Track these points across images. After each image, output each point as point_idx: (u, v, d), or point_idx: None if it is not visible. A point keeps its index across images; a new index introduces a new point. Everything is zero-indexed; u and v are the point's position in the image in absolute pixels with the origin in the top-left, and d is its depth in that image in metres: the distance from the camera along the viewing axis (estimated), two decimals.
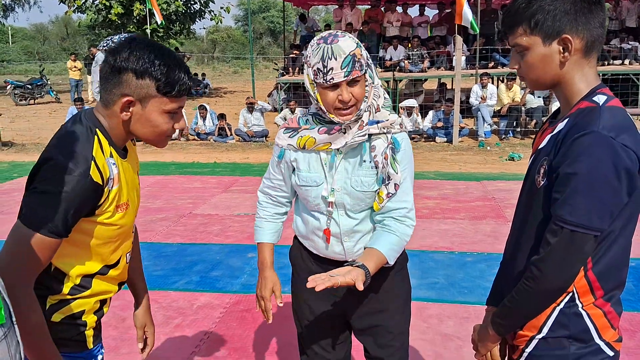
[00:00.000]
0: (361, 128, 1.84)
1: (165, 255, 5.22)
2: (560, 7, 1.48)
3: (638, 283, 4.36)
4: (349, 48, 1.76)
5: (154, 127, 1.62)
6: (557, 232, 1.44)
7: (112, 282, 1.79)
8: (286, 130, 2.00)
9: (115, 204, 1.61)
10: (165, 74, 1.55)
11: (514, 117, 11.93)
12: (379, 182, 1.90)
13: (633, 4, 15.00)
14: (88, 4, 20.22)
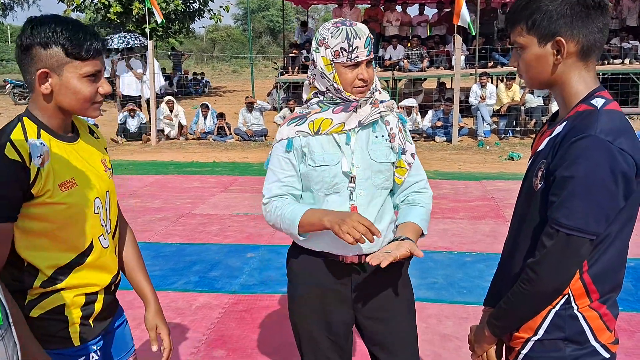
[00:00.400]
0: (376, 106, 1.97)
1: (164, 255, 5.22)
2: (558, 9, 1.48)
3: (637, 283, 4.36)
4: (367, 31, 1.91)
5: (76, 93, 1.62)
6: (553, 235, 1.45)
7: (93, 273, 1.74)
8: (290, 122, 2.02)
9: (54, 182, 1.60)
10: (69, 38, 1.58)
11: (514, 117, 11.92)
12: (397, 154, 2.00)
13: (634, 2, 14.99)
14: (87, 3, 20.17)
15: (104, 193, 1.77)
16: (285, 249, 5.07)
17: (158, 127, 12.31)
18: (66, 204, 1.62)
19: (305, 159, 1.98)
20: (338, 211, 1.89)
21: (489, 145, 11.19)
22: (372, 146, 1.98)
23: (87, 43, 1.60)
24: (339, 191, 1.96)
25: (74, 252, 1.68)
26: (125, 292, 4.22)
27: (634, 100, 13.28)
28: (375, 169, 1.97)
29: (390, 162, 2.00)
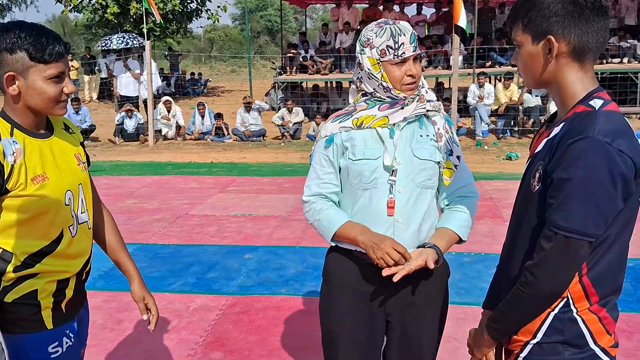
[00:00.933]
0: (422, 101, 1.97)
1: (161, 256, 5.19)
2: (551, 7, 1.48)
3: (636, 284, 4.35)
4: (410, 28, 1.93)
5: (41, 94, 1.74)
6: (552, 237, 1.44)
7: (64, 260, 1.85)
8: (335, 119, 2.04)
9: (26, 176, 1.72)
10: (32, 44, 1.69)
11: (512, 117, 11.92)
12: (446, 155, 1.99)
13: (632, 1, 15.00)
14: (84, 4, 20.15)
15: (76, 186, 1.90)
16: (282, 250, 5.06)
17: (155, 128, 12.29)
18: (38, 196, 1.74)
19: (347, 153, 1.99)
20: (374, 233, 1.91)
21: (487, 145, 11.18)
22: (417, 144, 1.97)
23: (50, 47, 1.72)
24: (377, 186, 1.95)
25: (45, 240, 1.80)
26: (123, 294, 4.24)
27: (633, 100, 13.28)
28: (418, 167, 1.96)
29: (434, 160, 1.98)
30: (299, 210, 6.60)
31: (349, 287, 2.03)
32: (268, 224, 6.11)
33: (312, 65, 14.64)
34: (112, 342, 3.59)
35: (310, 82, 15.71)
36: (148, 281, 4.50)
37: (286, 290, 4.38)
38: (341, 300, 2.05)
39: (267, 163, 9.83)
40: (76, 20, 23.07)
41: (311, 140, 12.02)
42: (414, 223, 1.97)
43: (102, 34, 21.40)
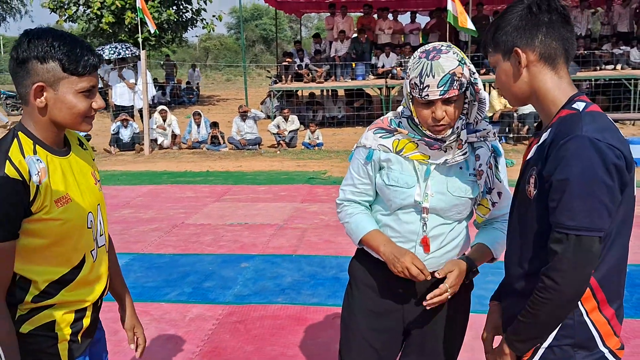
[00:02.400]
0: (460, 147, 1.87)
1: (157, 266, 5.17)
2: (512, 23, 1.57)
3: (632, 289, 4.35)
4: (450, 67, 1.76)
5: (71, 108, 1.63)
6: (562, 239, 1.45)
7: (84, 288, 1.76)
8: (377, 131, 1.99)
9: (51, 198, 1.62)
10: (66, 54, 1.59)
11: (507, 124, 11.95)
12: (483, 192, 1.92)
13: (624, 8, 15.10)
14: (79, 14, 20.15)
15: (95, 207, 1.79)
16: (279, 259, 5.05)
17: (151, 137, 12.28)
18: (61, 219, 1.64)
19: (382, 173, 1.96)
20: (397, 246, 1.93)
21: None
22: (454, 178, 1.91)
23: (85, 59, 1.62)
24: (406, 209, 1.94)
25: (66, 266, 1.70)
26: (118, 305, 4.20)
27: (626, 106, 13.34)
28: (451, 202, 1.91)
29: (468, 197, 1.93)
30: (295, 218, 6.60)
31: (373, 289, 2.05)
32: (264, 233, 6.10)
33: (307, 74, 14.68)
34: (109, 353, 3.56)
35: (305, 90, 15.75)
36: (144, 291, 4.54)
37: (283, 299, 4.37)
38: (364, 301, 2.06)
39: (262, 171, 9.83)
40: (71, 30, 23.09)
41: (307, 148, 12.03)
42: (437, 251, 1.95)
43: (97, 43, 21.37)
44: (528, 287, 1.58)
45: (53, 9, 19.97)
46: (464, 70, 1.79)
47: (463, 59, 1.81)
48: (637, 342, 3.57)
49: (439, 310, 2.02)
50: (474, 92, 1.85)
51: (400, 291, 2.01)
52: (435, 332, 2.05)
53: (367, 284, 2.07)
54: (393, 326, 2.06)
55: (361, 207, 2.07)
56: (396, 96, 14.45)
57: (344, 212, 2.08)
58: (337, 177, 8.91)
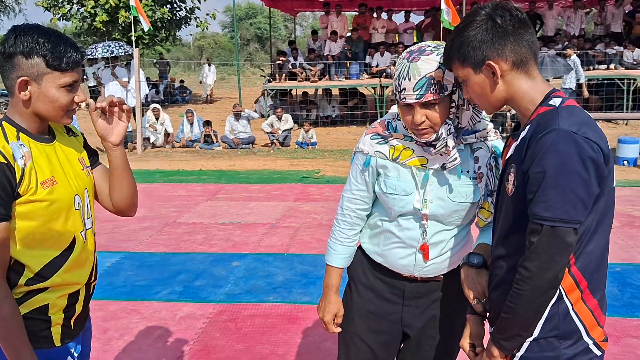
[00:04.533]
0: (448, 154, 1.79)
1: (148, 264, 5.15)
2: (479, 37, 1.57)
3: (623, 288, 4.37)
4: (427, 70, 1.71)
5: (53, 102, 1.71)
6: (537, 230, 1.47)
7: (76, 270, 1.81)
8: (374, 136, 1.93)
9: (36, 180, 1.68)
10: (50, 50, 1.66)
11: (499, 123, 11.97)
12: (484, 195, 1.85)
13: (617, 9, 15.16)
14: (73, 12, 20.08)
15: (82, 191, 1.85)
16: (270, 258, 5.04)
17: (144, 135, 12.24)
18: (48, 200, 1.70)
19: (379, 180, 1.93)
20: (333, 298, 2.07)
21: None
22: (453, 183, 1.85)
23: (67, 55, 1.69)
24: (407, 218, 1.91)
25: (57, 249, 1.75)
26: (109, 303, 4.21)
27: (619, 106, 13.39)
28: (451, 208, 1.87)
29: (469, 202, 1.87)
30: (288, 217, 6.58)
31: (373, 290, 2.05)
32: (256, 232, 6.08)
33: (301, 73, 14.65)
34: (97, 352, 3.54)
35: (299, 89, 15.73)
36: (135, 290, 4.53)
37: (274, 297, 4.36)
38: (362, 303, 2.07)
39: (255, 170, 9.81)
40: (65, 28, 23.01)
41: (300, 147, 12.02)
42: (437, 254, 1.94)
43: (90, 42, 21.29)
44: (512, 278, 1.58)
45: (47, 7, 19.90)
46: (445, 74, 1.72)
47: None
48: (628, 340, 3.58)
49: (437, 313, 2.01)
50: (462, 97, 1.76)
51: (399, 293, 2.01)
52: (433, 334, 2.03)
53: (367, 284, 2.06)
54: (391, 328, 2.05)
55: (350, 230, 2.05)
56: (390, 95, 14.44)
57: (335, 228, 2.09)
58: (331, 177, 8.90)
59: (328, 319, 2.07)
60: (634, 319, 3.86)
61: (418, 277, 1.97)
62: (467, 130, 1.85)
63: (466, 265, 1.82)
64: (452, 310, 2.02)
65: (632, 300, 4.16)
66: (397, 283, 2.00)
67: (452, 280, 1.97)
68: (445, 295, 2.01)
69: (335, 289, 2.07)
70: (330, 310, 2.07)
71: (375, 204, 2.04)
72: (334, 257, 2.08)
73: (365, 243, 2.07)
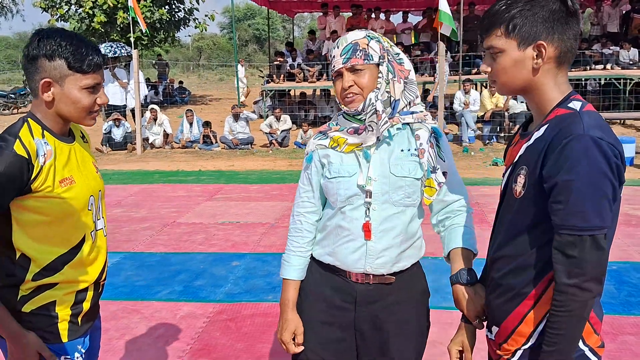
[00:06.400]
0: (379, 119, 1.82)
1: (148, 264, 5.18)
2: (539, 14, 1.50)
3: (620, 286, 4.40)
4: (353, 37, 1.83)
5: (75, 103, 1.76)
6: (577, 242, 1.43)
7: (83, 268, 1.85)
8: (316, 135, 2.00)
9: (54, 178, 1.73)
10: (72, 53, 1.72)
11: (498, 123, 12.02)
12: (427, 172, 1.88)
13: (614, 9, 15.21)
14: (71, 13, 20.06)
15: (97, 192, 1.92)
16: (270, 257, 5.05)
17: (143, 136, 12.25)
18: (64, 198, 1.75)
19: (324, 170, 1.94)
20: (290, 315, 1.98)
21: (473, 151, 11.26)
22: (395, 160, 1.87)
23: (89, 58, 1.74)
24: (353, 203, 1.88)
25: (65, 246, 1.80)
26: (109, 303, 4.23)
27: (616, 105, 13.43)
28: (395, 184, 1.86)
29: (414, 177, 1.87)
30: (287, 217, 6.61)
31: (324, 299, 1.98)
32: (256, 231, 6.11)
33: (299, 73, 14.68)
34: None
35: (297, 89, 15.75)
36: (135, 289, 4.55)
37: (273, 297, 4.38)
38: (314, 313, 1.99)
39: (254, 171, 9.84)
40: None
41: (299, 148, 12.05)
42: (389, 244, 1.88)
43: None
44: (515, 282, 1.59)
45: (45, 8, 19.87)
46: (370, 42, 1.82)
47: (373, 36, 1.85)
48: (624, 338, 3.61)
49: (392, 319, 1.94)
50: (393, 71, 1.85)
51: (351, 299, 1.94)
52: (389, 338, 1.96)
53: (317, 293, 1.99)
54: (345, 337, 1.97)
55: (302, 238, 2.02)
56: None
57: (288, 239, 2.06)
58: None
59: (286, 338, 1.97)
60: (631, 317, 3.89)
61: (370, 273, 1.90)
62: (404, 111, 1.90)
63: (459, 284, 1.80)
64: (408, 316, 1.96)
65: (629, 298, 4.19)
66: (348, 288, 1.93)
67: (405, 285, 1.94)
68: (399, 301, 1.94)
69: (292, 305, 2.00)
70: (288, 329, 1.97)
71: (324, 205, 2.02)
72: (287, 269, 2.03)
73: (315, 250, 2.02)
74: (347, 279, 1.93)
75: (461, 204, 1.98)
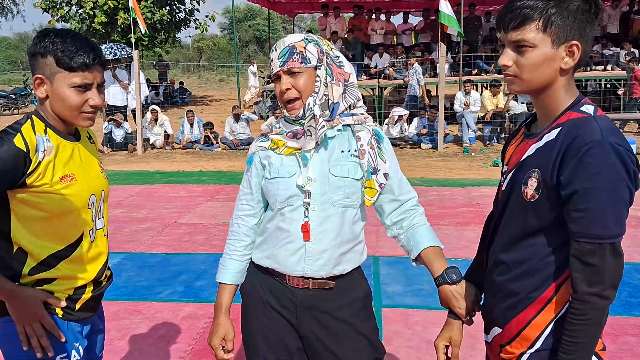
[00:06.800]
0: (317, 123, 1.81)
1: (149, 265, 5.18)
2: (577, 15, 1.47)
3: (620, 287, 4.38)
4: (291, 40, 1.84)
5: (63, 101, 1.76)
6: (596, 251, 1.42)
7: (81, 265, 1.86)
8: (258, 138, 2.00)
9: (53, 174, 1.74)
10: (62, 50, 1.72)
11: (498, 123, 12.03)
12: (367, 173, 1.86)
13: (614, 10, 15.23)
14: (72, 13, 20.08)
15: (99, 191, 1.92)
16: None
17: (144, 137, 12.27)
18: (63, 195, 1.76)
19: (265, 172, 1.93)
20: (222, 319, 1.95)
21: (474, 152, 11.27)
22: (335, 160, 1.86)
23: (77, 55, 1.72)
24: (292, 204, 1.86)
25: (63, 243, 1.80)
26: (110, 303, 4.23)
27: (616, 107, 13.44)
28: (334, 185, 1.84)
29: (353, 177, 1.86)
30: None
31: (265, 302, 1.94)
32: None
33: None
34: None
35: None
36: (136, 290, 4.55)
37: None
38: (259, 320, 1.96)
39: None
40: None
41: None
42: (329, 245, 1.85)
43: None
44: (522, 286, 1.58)
45: (45, 8, 19.89)
46: (307, 45, 1.83)
47: (312, 39, 1.86)
48: (625, 339, 3.61)
49: (335, 326, 1.90)
50: (332, 74, 1.85)
51: (291, 305, 1.91)
52: (335, 343, 1.91)
53: (259, 301, 1.95)
54: (291, 342, 1.94)
55: (239, 241, 1.99)
56: (388, 96, 14.49)
57: (226, 243, 2.04)
58: None
59: (215, 343, 1.93)
60: (632, 318, 3.90)
61: (309, 277, 1.87)
62: (344, 113, 1.90)
63: (446, 284, 1.79)
64: (352, 320, 1.92)
65: (630, 299, 4.20)
66: (288, 293, 1.90)
67: (345, 290, 1.91)
68: (341, 305, 1.91)
69: (224, 309, 1.96)
70: (218, 334, 1.94)
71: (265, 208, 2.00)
72: (223, 273, 1.99)
73: (255, 254, 1.99)
74: (286, 284, 1.90)
75: (413, 203, 1.98)
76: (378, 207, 1.99)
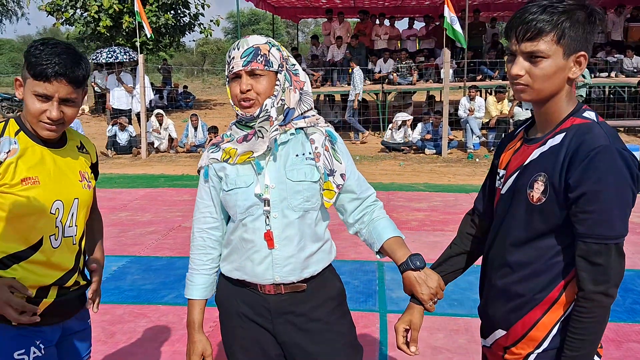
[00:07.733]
0: (271, 124, 1.81)
1: (154, 268, 5.20)
2: (585, 27, 1.52)
3: (624, 294, 4.41)
4: (255, 42, 1.83)
5: (27, 106, 1.81)
6: (603, 250, 1.47)
7: (40, 269, 1.85)
8: (210, 148, 1.95)
9: (14, 175, 1.77)
10: (35, 56, 1.75)
11: (502, 130, 12.02)
12: (324, 176, 1.87)
13: (618, 17, 15.23)
14: (76, 17, 20.15)
15: (70, 199, 1.91)
16: None
17: (148, 140, 12.30)
18: (23, 197, 1.79)
19: (222, 184, 1.90)
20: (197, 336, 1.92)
21: (478, 158, 11.27)
22: (290, 165, 1.85)
23: (44, 66, 1.74)
24: (253, 214, 1.84)
25: (23, 244, 1.83)
26: (116, 306, 4.24)
27: (620, 114, 13.44)
28: (292, 189, 1.84)
29: (311, 180, 1.86)
30: None
31: (239, 313, 1.93)
32: None
33: None
34: (105, 355, 3.59)
35: None
36: (141, 293, 4.56)
37: None
38: (236, 331, 1.95)
39: None
40: (68, 33, 23.03)
41: None
42: (294, 250, 1.85)
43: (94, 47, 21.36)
44: (527, 288, 1.60)
45: (50, 11, 19.97)
46: (271, 49, 1.83)
47: (274, 44, 1.86)
48: (629, 345, 3.61)
49: (311, 327, 1.90)
50: (290, 80, 1.87)
51: (266, 312, 1.90)
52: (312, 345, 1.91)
53: (234, 312, 1.94)
54: (270, 350, 1.94)
55: (205, 255, 1.97)
56: (392, 101, 14.50)
57: (190, 258, 2.00)
58: None
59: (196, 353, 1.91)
60: (635, 324, 3.90)
61: (280, 283, 1.86)
62: (297, 116, 1.90)
63: (410, 270, 1.81)
64: (328, 319, 1.92)
65: (634, 306, 4.20)
66: (261, 301, 1.89)
67: (318, 290, 1.92)
68: (315, 306, 1.91)
69: (198, 326, 1.93)
70: (196, 352, 1.92)
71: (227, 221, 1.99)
72: (191, 289, 1.96)
73: (223, 266, 1.97)
74: (259, 292, 1.89)
75: (373, 199, 2.01)
76: (340, 207, 2.00)
